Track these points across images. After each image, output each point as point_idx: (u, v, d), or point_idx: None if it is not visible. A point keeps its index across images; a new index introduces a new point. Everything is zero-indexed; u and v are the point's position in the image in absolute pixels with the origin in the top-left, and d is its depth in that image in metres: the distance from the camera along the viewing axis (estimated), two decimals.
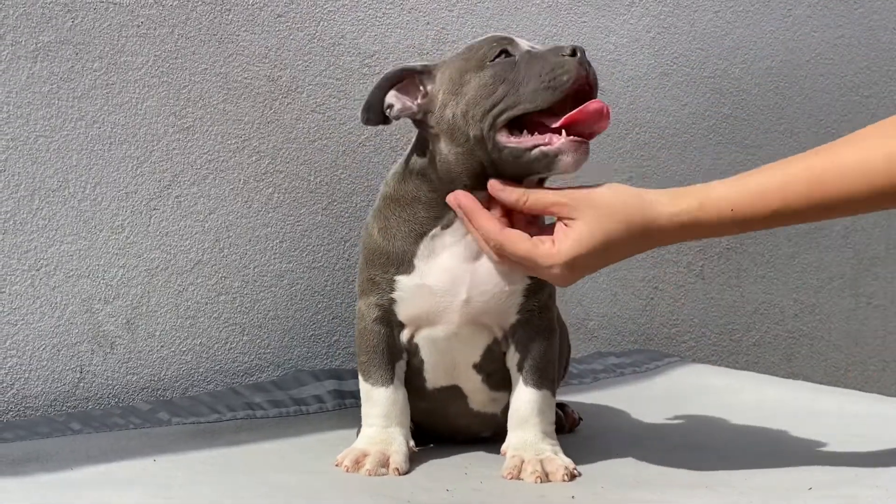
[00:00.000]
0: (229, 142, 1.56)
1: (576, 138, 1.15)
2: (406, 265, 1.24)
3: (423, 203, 1.24)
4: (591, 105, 1.15)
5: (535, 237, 1.18)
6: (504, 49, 1.20)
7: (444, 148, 1.22)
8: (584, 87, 1.16)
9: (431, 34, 1.73)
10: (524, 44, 1.21)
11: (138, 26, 1.48)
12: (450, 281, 1.22)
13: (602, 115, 1.15)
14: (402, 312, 1.25)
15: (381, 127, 1.66)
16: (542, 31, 1.84)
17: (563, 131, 1.15)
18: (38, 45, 1.41)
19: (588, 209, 1.15)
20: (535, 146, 1.17)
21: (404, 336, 1.26)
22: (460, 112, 1.20)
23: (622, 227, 1.15)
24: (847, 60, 2.23)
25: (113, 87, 1.46)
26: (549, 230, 1.19)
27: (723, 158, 2.06)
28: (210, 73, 1.54)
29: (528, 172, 1.19)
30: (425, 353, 1.26)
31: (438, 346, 1.26)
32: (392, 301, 1.25)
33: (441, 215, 1.23)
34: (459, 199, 1.20)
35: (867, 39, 2.26)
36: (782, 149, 2.13)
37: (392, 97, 1.25)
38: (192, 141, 1.53)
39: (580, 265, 1.16)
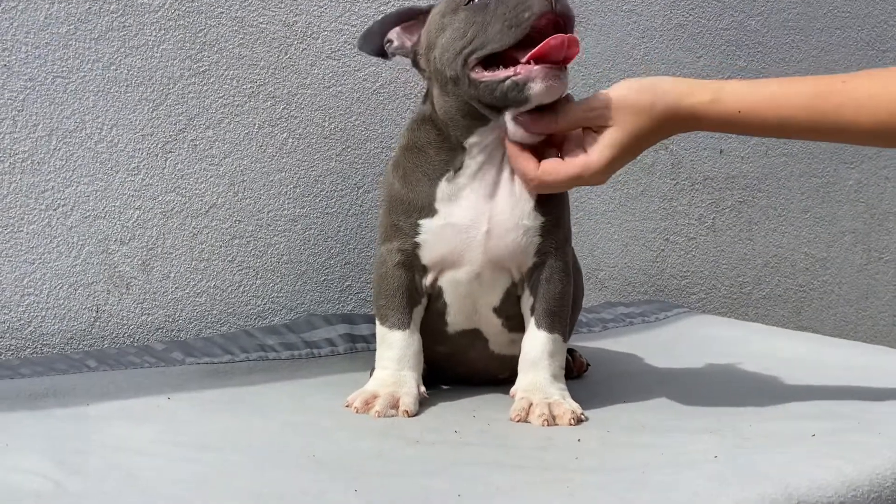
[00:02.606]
0: (244, 86, 1.57)
1: (546, 66, 1.17)
2: (428, 209, 1.26)
3: (434, 147, 1.26)
4: (553, 39, 1.17)
5: (567, 157, 1.22)
6: None
7: (437, 92, 1.27)
8: (553, 22, 1.18)
9: None
10: None
11: None
12: (472, 216, 1.25)
13: (565, 46, 1.17)
14: (427, 255, 1.27)
15: (395, 75, 1.67)
16: None
17: (533, 62, 1.18)
18: None
19: (617, 113, 1.20)
20: (507, 77, 1.19)
21: (428, 280, 1.28)
22: (438, 55, 1.24)
23: (647, 120, 1.20)
24: (864, 14, 2.22)
25: (129, 30, 1.47)
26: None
27: None
28: (226, 17, 1.54)
29: (505, 105, 1.21)
30: (448, 297, 1.28)
31: (460, 289, 1.28)
32: (416, 245, 1.27)
33: (451, 158, 1.26)
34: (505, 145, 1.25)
35: None
36: None
37: (394, 34, 1.29)
38: (207, 85, 1.54)
39: (617, 164, 1.23)
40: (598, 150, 1.21)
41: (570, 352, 1.44)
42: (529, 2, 1.17)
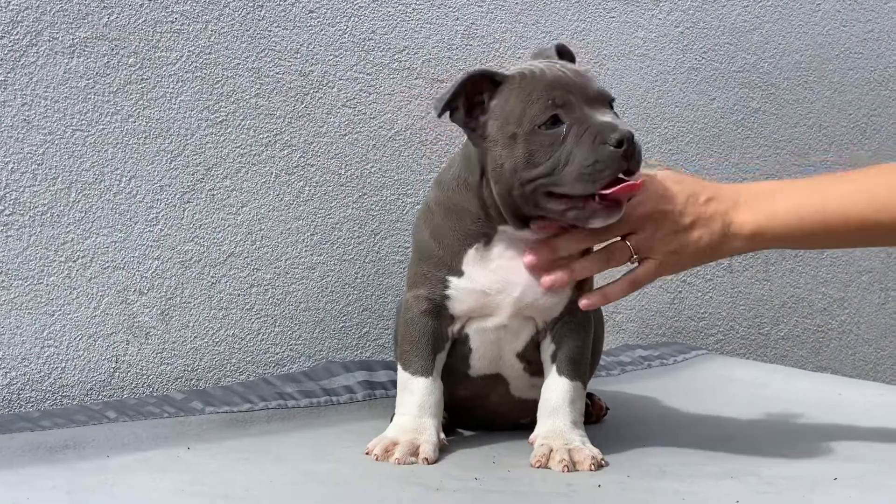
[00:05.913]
0: (261, 136, 1.58)
1: (607, 203, 1.18)
2: (456, 269, 1.27)
3: (473, 216, 1.26)
4: (625, 187, 1.17)
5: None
6: (555, 114, 1.19)
7: (492, 180, 1.23)
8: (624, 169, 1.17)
9: (461, 29, 1.74)
10: (577, 103, 1.19)
11: (172, 22, 1.50)
12: (502, 282, 1.26)
13: (632, 191, 1.19)
14: (455, 307, 1.28)
15: (411, 122, 1.68)
16: (570, 27, 1.85)
17: (598, 197, 1.18)
18: (75, 41, 1.44)
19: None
20: (572, 208, 1.19)
21: (455, 328, 1.29)
22: (509, 167, 1.20)
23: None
24: (877, 55, 2.23)
25: (147, 82, 1.49)
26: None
27: (751, 153, 2.07)
28: (243, 68, 1.56)
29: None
30: (474, 343, 1.29)
31: (487, 336, 1.29)
32: (445, 297, 1.27)
33: (485, 231, 1.25)
34: None
35: None
36: (811, 143, 2.14)
37: (463, 100, 1.23)
38: (224, 135, 1.55)
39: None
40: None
41: (589, 396, 1.44)
42: (609, 159, 1.16)
